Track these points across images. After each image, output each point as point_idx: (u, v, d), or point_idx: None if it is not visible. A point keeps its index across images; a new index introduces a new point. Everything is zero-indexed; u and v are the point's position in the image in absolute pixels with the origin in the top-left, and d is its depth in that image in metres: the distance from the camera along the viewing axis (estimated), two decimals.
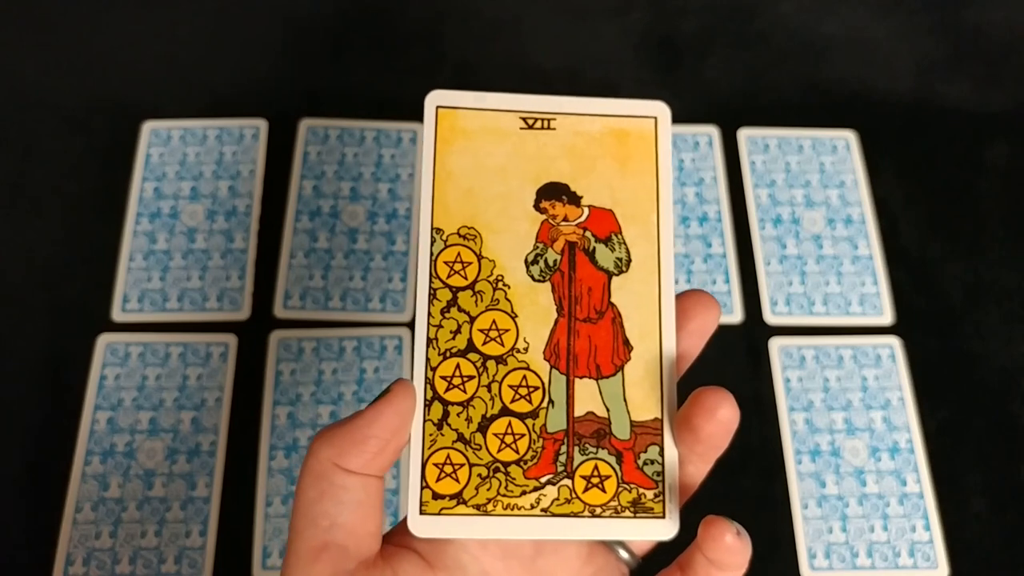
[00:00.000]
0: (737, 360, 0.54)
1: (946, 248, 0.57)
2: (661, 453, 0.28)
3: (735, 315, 0.55)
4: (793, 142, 0.60)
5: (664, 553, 0.30)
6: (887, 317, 0.55)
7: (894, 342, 0.54)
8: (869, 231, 0.57)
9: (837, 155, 0.60)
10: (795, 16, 0.65)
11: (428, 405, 0.28)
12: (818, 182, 0.59)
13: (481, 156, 0.30)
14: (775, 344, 0.54)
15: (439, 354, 0.29)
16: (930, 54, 0.64)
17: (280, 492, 0.50)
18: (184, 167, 0.58)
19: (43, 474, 0.50)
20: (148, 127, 0.59)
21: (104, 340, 0.53)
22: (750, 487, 0.51)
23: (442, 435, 0.28)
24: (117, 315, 0.54)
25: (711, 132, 0.60)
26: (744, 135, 0.60)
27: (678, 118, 0.61)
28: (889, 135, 0.60)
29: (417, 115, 0.59)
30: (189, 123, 0.59)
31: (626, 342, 0.29)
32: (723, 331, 0.54)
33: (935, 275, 0.56)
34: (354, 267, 0.55)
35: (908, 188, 0.59)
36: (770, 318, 0.55)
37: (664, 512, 0.28)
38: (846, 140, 0.60)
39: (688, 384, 0.29)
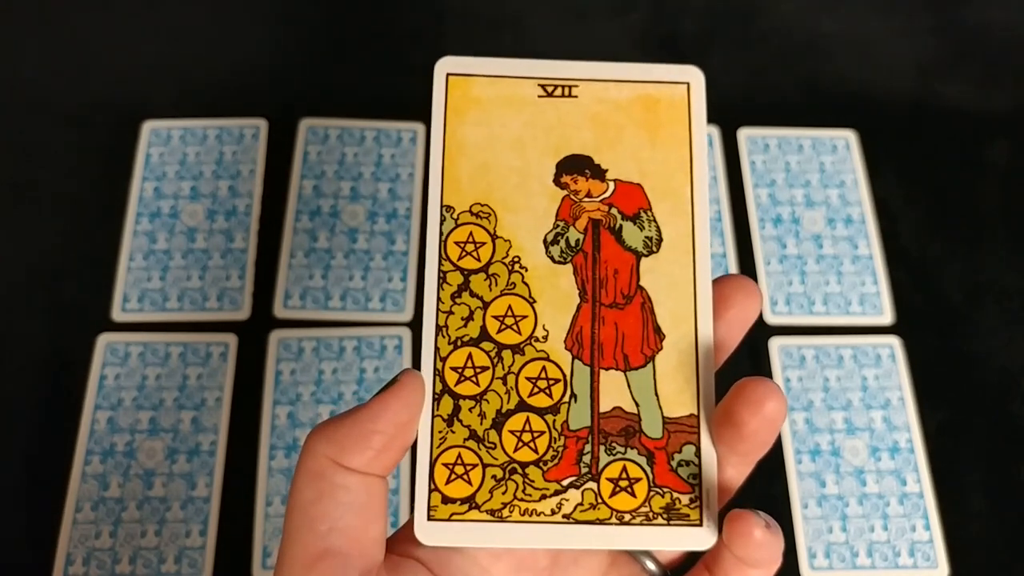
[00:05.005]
0: (737, 360, 0.54)
1: (946, 248, 0.57)
2: (697, 453, 0.26)
3: None
4: (793, 142, 0.60)
5: (692, 558, 0.27)
6: (887, 317, 0.55)
7: (894, 342, 0.54)
8: (869, 231, 0.57)
9: (837, 155, 0.60)
10: (795, 16, 0.65)
11: (437, 399, 0.25)
12: (818, 182, 0.59)
13: (496, 127, 0.27)
14: (775, 344, 0.54)
15: (449, 343, 0.26)
16: (930, 54, 0.64)
17: (280, 492, 0.50)
18: (184, 167, 0.58)
19: (43, 474, 0.50)
20: (148, 127, 0.59)
21: (104, 340, 0.53)
22: (750, 487, 0.51)
23: (453, 432, 0.25)
24: (117, 315, 0.54)
25: (711, 132, 0.60)
26: (744, 135, 0.60)
27: None
28: (889, 135, 0.60)
29: (417, 115, 0.60)
30: (189, 123, 0.59)
31: (657, 330, 0.27)
32: None
33: (935, 275, 0.56)
34: (354, 267, 0.55)
35: (908, 188, 0.59)
36: (770, 318, 0.55)
37: (701, 519, 0.25)
38: (846, 140, 0.60)
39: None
